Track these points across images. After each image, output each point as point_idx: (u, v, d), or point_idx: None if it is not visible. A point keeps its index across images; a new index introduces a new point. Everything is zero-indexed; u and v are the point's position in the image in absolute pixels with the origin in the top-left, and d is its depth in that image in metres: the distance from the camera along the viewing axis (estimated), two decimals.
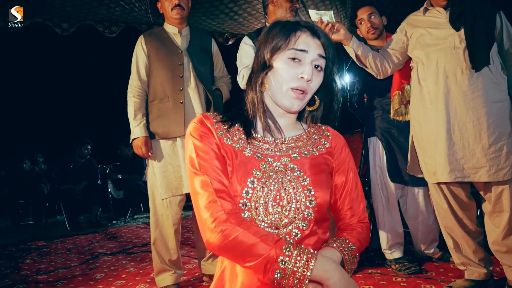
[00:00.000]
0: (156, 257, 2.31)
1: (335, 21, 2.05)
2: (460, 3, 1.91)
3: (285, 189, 0.94)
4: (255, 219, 0.92)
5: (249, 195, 0.92)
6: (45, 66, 6.93)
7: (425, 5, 2.08)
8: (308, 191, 0.95)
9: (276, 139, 1.02)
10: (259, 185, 0.93)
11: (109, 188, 6.13)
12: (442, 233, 2.15)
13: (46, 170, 6.22)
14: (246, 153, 0.97)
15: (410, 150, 2.20)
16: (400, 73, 2.38)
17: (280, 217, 0.93)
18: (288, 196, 0.93)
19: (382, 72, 2.21)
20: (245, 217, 0.91)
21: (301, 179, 0.96)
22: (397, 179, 2.48)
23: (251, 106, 1.03)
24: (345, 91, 2.87)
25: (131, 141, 2.31)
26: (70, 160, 5.68)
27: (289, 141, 1.03)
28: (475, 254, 2.02)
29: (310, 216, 0.94)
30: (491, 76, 1.86)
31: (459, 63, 1.88)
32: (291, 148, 1.01)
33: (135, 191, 5.64)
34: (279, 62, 0.98)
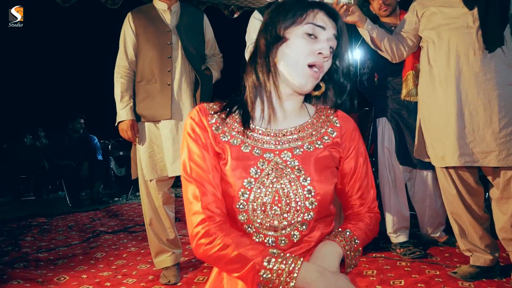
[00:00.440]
0: (154, 238, 2.33)
1: (352, 2, 2.03)
2: None
3: (283, 190, 0.91)
4: (253, 222, 0.91)
5: (246, 196, 0.90)
6: (47, 39, 6.95)
7: None
8: (309, 192, 0.92)
9: (277, 131, 0.98)
10: (257, 185, 0.91)
11: (111, 165, 6.19)
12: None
13: (47, 145, 6.28)
14: (244, 148, 0.94)
15: (417, 133, 2.20)
16: (413, 53, 2.36)
17: (279, 219, 0.91)
18: (287, 198, 0.91)
19: (398, 56, 2.21)
20: (243, 219, 0.91)
21: (301, 179, 0.92)
22: (406, 162, 2.50)
23: (252, 89, 0.98)
24: (356, 69, 2.85)
25: (116, 123, 2.30)
26: (65, 135, 5.71)
27: (291, 132, 0.98)
28: (481, 240, 2.04)
29: (310, 217, 0.92)
30: (504, 57, 1.85)
31: (472, 43, 1.86)
32: (293, 141, 0.97)
33: None
34: (294, 36, 0.93)
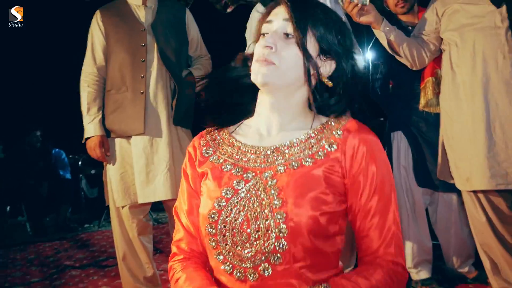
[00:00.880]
0: (128, 275, 2.20)
1: (368, 3, 1.91)
2: None
3: (254, 213, 0.87)
4: (222, 248, 0.88)
5: (215, 218, 0.89)
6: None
7: None
8: (280, 216, 0.84)
9: (267, 147, 0.95)
10: (228, 207, 0.89)
11: (81, 185, 6.01)
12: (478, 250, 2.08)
13: (2, 160, 5.99)
14: (224, 167, 0.96)
15: (440, 150, 2.11)
16: None
17: (246, 247, 0.86)
18: (256, 222, 0.86)
19: (419, 62, 2.12)
20: (213, 245, 0.89)
21: (275, 201, 0.86)
22: (425, 183, 2.38)
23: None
24: (368, 74, 2.78)
25: (83, 140, 2.18)
26: (22, 151, 5.43)
27: (282, 147, 0.94)
28: None
29: (282, 248, 0.83)
30: None
31: (500, 46, 1.82)
32: (282, 156, 0.93)
33: None
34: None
